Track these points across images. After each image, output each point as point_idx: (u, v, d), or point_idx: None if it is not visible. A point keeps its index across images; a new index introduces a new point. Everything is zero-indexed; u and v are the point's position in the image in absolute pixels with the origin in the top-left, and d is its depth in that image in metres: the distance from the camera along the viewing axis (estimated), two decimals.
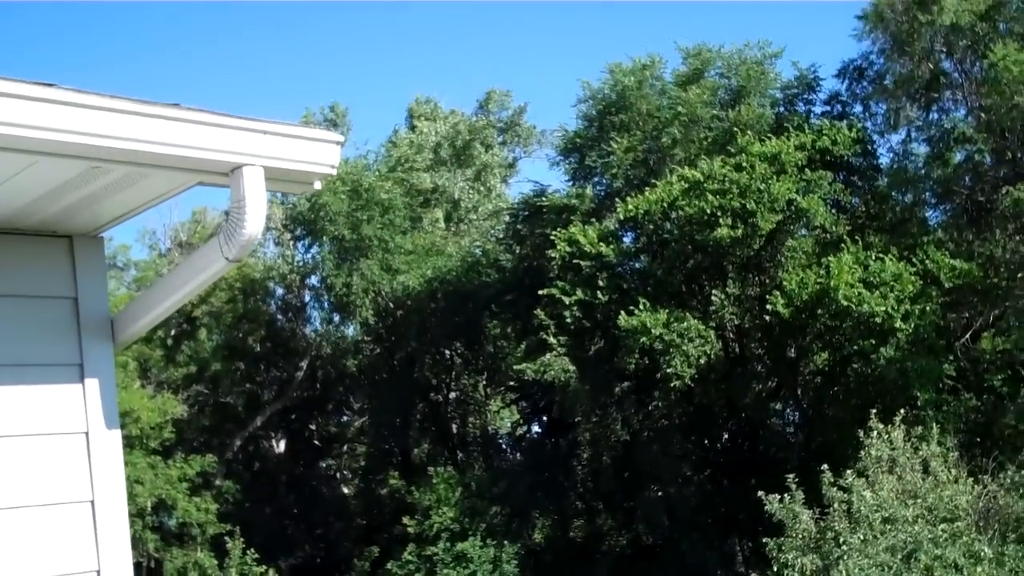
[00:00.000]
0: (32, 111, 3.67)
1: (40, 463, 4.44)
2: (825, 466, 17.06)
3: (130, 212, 4.68)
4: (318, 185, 4.56)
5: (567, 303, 25.18)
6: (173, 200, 4.73)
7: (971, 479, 17.79)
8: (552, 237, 25.94)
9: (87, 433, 4.56)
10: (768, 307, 23.33)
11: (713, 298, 24.76)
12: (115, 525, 4.56)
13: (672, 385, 23.68)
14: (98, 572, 4.49)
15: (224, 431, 36.83)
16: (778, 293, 23.17)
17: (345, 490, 40.78)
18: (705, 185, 23.75)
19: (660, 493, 28.53)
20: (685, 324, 23.55)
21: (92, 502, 4.52)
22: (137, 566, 28.34)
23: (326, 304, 37.08)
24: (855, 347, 23.63)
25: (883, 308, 21.93)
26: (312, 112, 39.78)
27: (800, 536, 16.82)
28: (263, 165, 4.21)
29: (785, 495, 17.16)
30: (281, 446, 39.83)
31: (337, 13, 61.05)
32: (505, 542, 27.18)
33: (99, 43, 58.75)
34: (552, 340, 25.96)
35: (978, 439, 22.86)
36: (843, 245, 23.76)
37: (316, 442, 40.28)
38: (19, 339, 4.49)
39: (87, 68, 52.86)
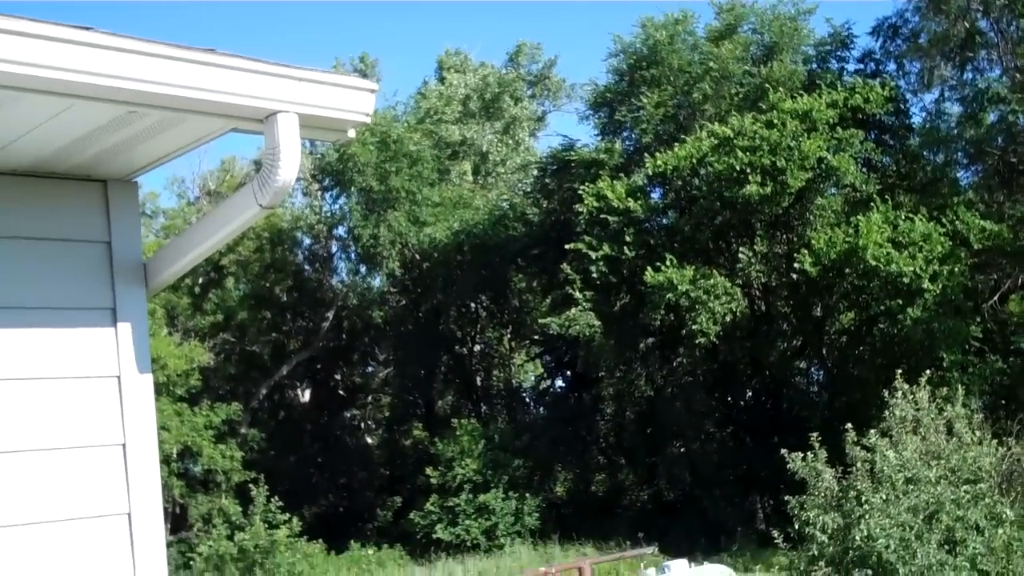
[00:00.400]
0: (69, 54, 3.67)
1: (73, 406, 4.47)
2: (849, 425, 17.02)
3: (164, 157, 4.68)
4: (352, 133, 4.54)
5: (593, 258, 25.18)
6: (202, 148, 4.76)
7: (995, 441, 17.69)
8: (580, 192, 25.90)
9: (119, 377, 4.58)
10: (795, 265, 23.27)
11: (740, 255, 24.71)
12: (146, 469, 4.60)
13: (697, 342, 23.70)
14: (129, 515, 4.53)
15: (250, 379, 37.05)
16: (806, 251, 23.10)
17: (369, 440, 41.04)
18: (735, 142, 23.64)
19: (682, 449, 28.63)
20: (712, 281, 23.53)
21: (124, 445, 4.55)
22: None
23: (353, 255, 37.18)
24: (882, 307, 23.56)
25: (911, 268, 21.85)
26: (342, 62, 39.70)
27: (822, 494, 16.78)
28: (297, 112, 4.20)
29: (808, 453, 17.14)
30: (306, 395, 40.07)
31: None
32: (527, 495, 27.36)
33: None
34: (578, 295, 25.98)
35: (1003, 401, 22.79)
36: (873, 204, 23.65)
37: (341, 392, 40.50)
38: (53, 282, 4.52)
39: (119, 14, 52.72)
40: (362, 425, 41.73)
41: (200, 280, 35.95)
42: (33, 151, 4.35)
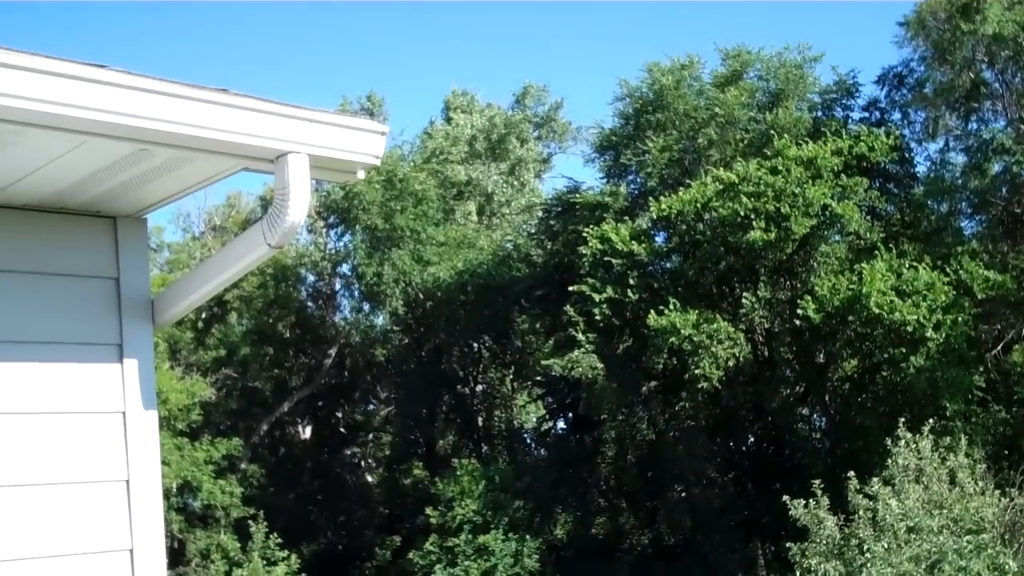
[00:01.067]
0: (82, 92, 3.71)
1: (78, 441, 4.49)
2: (851, 473, 17.00)
3: (174, 195, 4.71)
4: (361, 175, 4.58)
5: (597, 300, 25.17)
6: (211, 185, 4.76)
7: (998, 491, 17.70)
8: (584, 234, 25.93)
9: (124, 413, 4.60)
10: (799, 312, 23.27)
11: (744, 301, 24.72)
12: (149, 505, 4.61)
13: (699, 386, 23.66)
14: (131, 551, 4.53)
15: (251, 415, 37.01)
16: (809, 298, 23.10)
17: (369, 479, 40.92)
18: (740, 187, 23.69)
19: (683, 494, 28.51)
20: (715, 326, 23.52)
21: (127, 481, 4.56)
22: None
23: (356, 293, 37.20)
24: (885, 355, 23.54)
25: (915, 317, 21.84)
26: (349, 101, 39.83)
27: (824, 542, 16.76)
28: (308, 153, 4.24)
29: (810, 500, 17.11)
30: (307, 432, 40.00)
31: (378, 2, 61.20)
32: (527, 536, 27.23)
33: (141, 27, 59.08)
34: (580, 337, 25.97)
35: (1006, 452, 22.75)
36: (877, 252, 23.67)
37: (342, 430, 40.43)
38: (61, 317, 4.54)
39: (131, 54, 53.18)
40: (362, 463, 41.62)
41: (203, 315, 36.02)
42: (45, 186, 4.38)
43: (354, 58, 64.15)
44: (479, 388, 36.95)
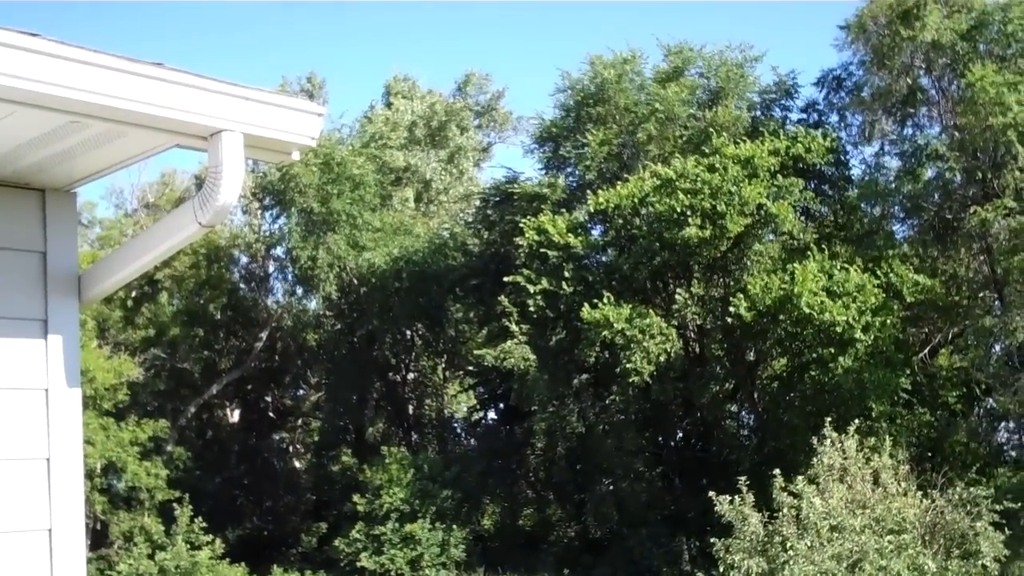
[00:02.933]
0: (14, 60, 3.62)
1: None
2: (777, 471, 17.15)
3: (105, 169, 4.63)
4: (296, 155, 4.52)
5: (531, 292, 25.20)
6: (143, 160, 4.68)
7: (920, 493, 17.94)
8: (521, 225, 25.95)
9: (47, 390, 4.51)
10: (731, 309, 23.43)
11: (677, 297, 24.86)
12: (70, 485, 4.52)
13: (631, 380, 23.77)
14: (50, 531, 4.45)
15: (179, 397, 36.61)
16: (742, 296, 23.27)
17: (297, 464, 40.69)
18: (677, 183, 23.80)
19: (611, 487, 28.64)
20: (647, 320, 23.62)
21: (48, 460, 4.47)
22: None
23: (290, 276, 36.90)
24: (814, 355, 23.79)
25: (844, 318, 22.07)
26: (289, 81, 39.55)
27: (748, 538, 16.90)
28: (243, 131, 4.18)
29: (735, 497, 17.24)
30: (235, 416, 39.66)
31: None
32: (454, 526, 27.24)
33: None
34: (514, 328, 26.00)
35: (929, 454, 23.10)
36: (809, 253, 23.89)
37: (271, 414, 40.13)
38: None
39: (68, 21, 52.30)
40: (290, 449, 41.36)
41: (133, 293, 35.55)
42: None
43: (296, 39, 63.72)
44: (411, 376, 36.87)
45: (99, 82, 3.82)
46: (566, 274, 25.11)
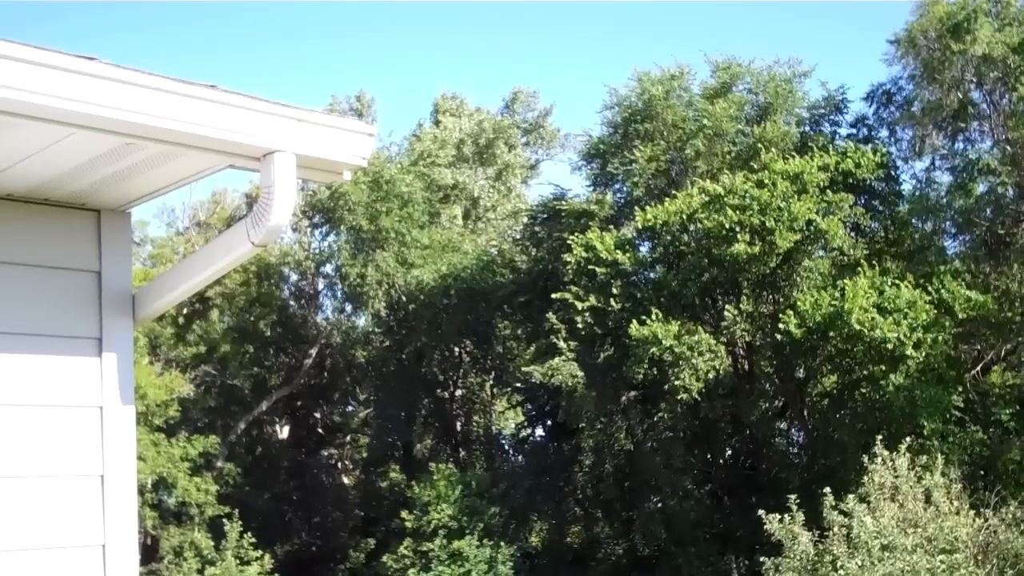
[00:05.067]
0: (71, 84, 3.69)
1: (54, 434, 4.46)
2: (827, 489, 17.03)
3: (160, 190, 4.69)
4: (348, 176, 4.56)
5: (579, 308, 25.17)
6: (197, 180, 4.74)
7: (972, 512, 17.74)
8: (569, 241, 25.94)
9: (101, 407, 4.57)
10: (780, 326, 23.28)
11: (726, 313, 24.75)
12: (123, 501, 4.58)
13: (679, 397, 23.68)
14: (103, 546, 4.50)
15: (229, 413, 36.88)
16: (791, 312, 23.13)
17: (345, 480, 40.82)
18: (725, 199, 23.72)
19: (659, 505, 28.48)
20: (696, 337, 23.53)
21: (102, 476, 4.53)
22: None
23: (339, 293, 37.14)
24: (864, 372, 23.59)
25: (895, 335, 21.88)
26: (338, 100, 39.86)
27: (798, 557, 16.79)
28: (295, 152, 4.22)
29: (785, 515, 17.13)
30: (284, 432, 39.88)
31: (373, 1, 61.20)
32: (502, 543, 27.20)
33: (132, 20, 58.93)
34: (562, 344, 25.97)
35: (982, 472, 22.79)
36: (859, 269, 23.72)
37: (320, 430, 40.33)
38: (41, 309, 4.51)
39: (122, 47, 52.95)
40: (339, 465, 41.52)
41: (184, 311, 35.86)
42: (30, 177, 4.35)
43: (345, 57, 64.04)
44: (458, 393, 36.90)
45: (154, 104, 3.87)
46: (614, 291, 25.05)
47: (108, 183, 4.49)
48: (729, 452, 29.67)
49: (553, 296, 26.12)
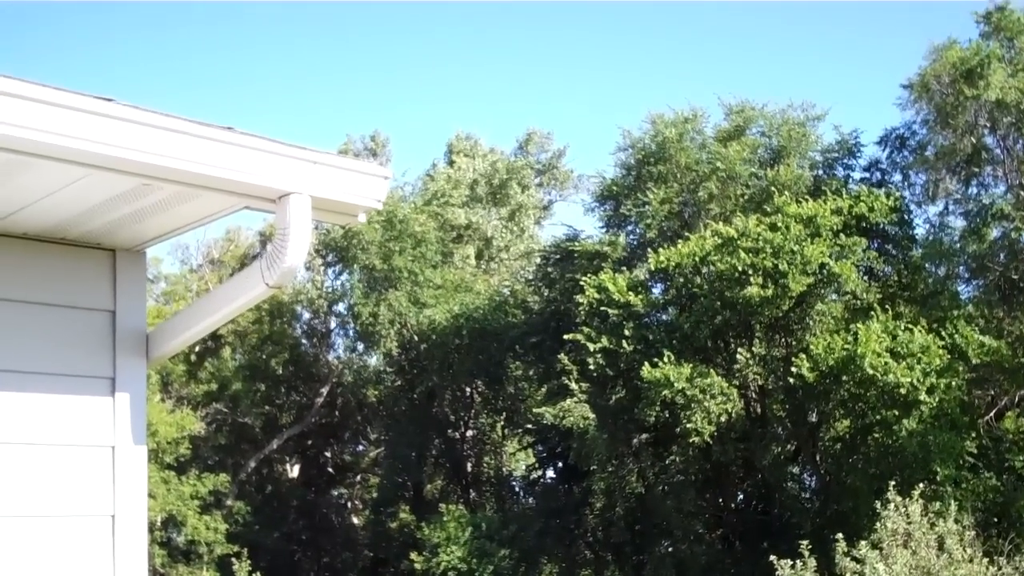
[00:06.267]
0: (89, 125, 3.71)
1: (65, 473, 4.45)
2: (840, 535, 16.92)
3: (175, 230, 4.71)
4: (362, 218, 4.57)
5: (591, 350, 25.13)
6: (212, 221, 4.75)
7: (986, 560, 17.59)
8: (581, 283, 25.93)
9: (114, 447, 4.58)
10: (793, 370, 23.20)
11: (738, 356, 24.68)
12: (133, 541, 4.57)
13: (691, 441, 23.59)
14: None
15: (239, 451, 36.86)
16: (804, 356, 23.06)
17: (355, 520, 40.68)
18: (738, 242, 23.71)
19: (670, 549, 28.31)
20: (708, 380, 23.46)
21: (113, 516, 4.52)
22: None
23: (351, 332, 37.16)
24: (878, 417, 23.46)
25: (909, 379, 21.79)
26: (353, 139, 40.04)
27: None
28: (310, 194, 4.23)
29: (797, 561, 17.01)
30: (295, 471, 39.81)
31: (387, 41, 61.51)
32: None
33: (145, 58, 59.37)
34: (574, 386, 25.92)
35: (995, 519, 22.62)
36: (873, 313, 23.66)
37: (330, 469, 40.25)
38: (55, 348, 4.52)
39: (137, 86, 53.33)
40: (349, 504, 41.40)
41: (196, 348, 35.91)
42: (46, 216, 4.37)
43: (360, 96, 64.32)
44: (469, 433, 36.82)
45: (170, 146, 3.89)
46: (626, 332, 25.01)
47: (124, 223, 4.50)
48: (741, 496, 29.50)
49: (565, 337, 26.09)
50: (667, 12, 59.77)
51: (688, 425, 23.23)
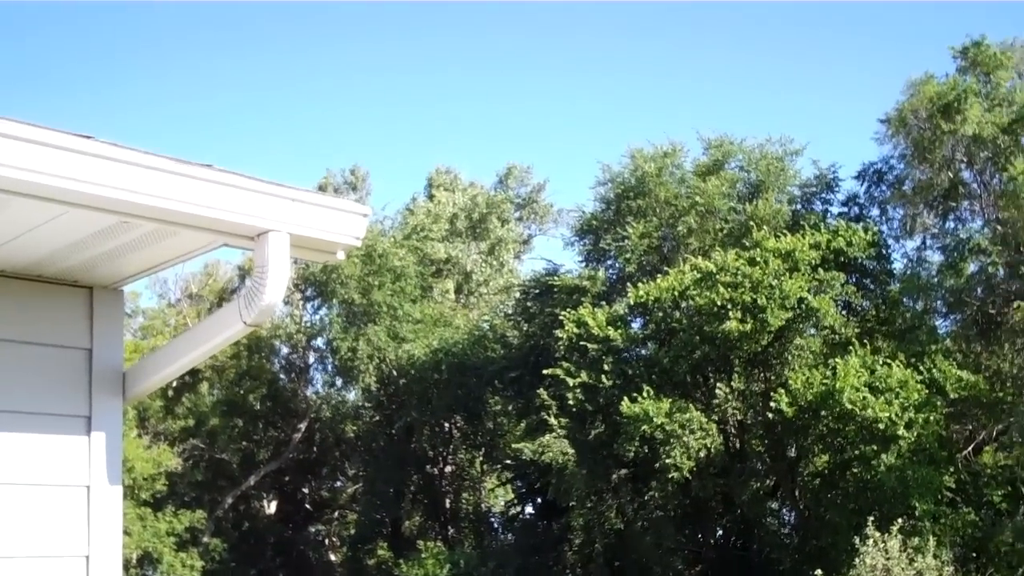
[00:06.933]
0: (67, 162, 3.68)
1: (39, 514, 4.39)
2: (819, 571, 16.90)
3: (153, 267, 4.67)
4: (341, 255, 4.54)
5: (571, 385, 25.09)
6: (191, 258, 4.71)
7: None
8: (561, 317, 25.92)
9: (89, 487, 4.52)
10: (772, 404, 23.24)
11: (717, 391, 24.69)
12: None
13: (670, 476, 23.54)
14: None
15: (216, 487, 36.59)
16: (783, 391, 23.09)
17: (332, 557, 40.38)
18: (717, 277, 23.77)
19: None
20: (687, 415, 23.45)
21: (87, 557, 4.46)
22: None
23: (330, 367, 37.01)
24: (856, 451, 23.49)
25: (887, 414, 21.83)
26: (332, 173, 40.04)
27: None
28: (289, 232, 4.21)
29: None
30: (272, 507, 39.53)
31: (367, 75, 61.67)
32: None
33: (128, 96, 59.37)
34: (553, 421, 25.85)
35: (974, 554, 22.64)
36: (851, 347, 23.72)
37: (307, 506, 39.97)
38: (30, 387, 4.47)
39: (117, 123, 53.30)
40: (326, 541, 41.10)
41: (174, 383, 35.71)
42: (23, 254, 4.33)
43: (340, 131, 64.50)
44: (448, 469, 36.64)
45: (149, 183, 3.86)
46: (606, 367, 24.99)
47: (101, 260, 4.46)
48: (720, 532, 29.42)
49: (544, 372, 26.05)
50: (647, 47, 60.18)
51: (667, 460, 23.20)
